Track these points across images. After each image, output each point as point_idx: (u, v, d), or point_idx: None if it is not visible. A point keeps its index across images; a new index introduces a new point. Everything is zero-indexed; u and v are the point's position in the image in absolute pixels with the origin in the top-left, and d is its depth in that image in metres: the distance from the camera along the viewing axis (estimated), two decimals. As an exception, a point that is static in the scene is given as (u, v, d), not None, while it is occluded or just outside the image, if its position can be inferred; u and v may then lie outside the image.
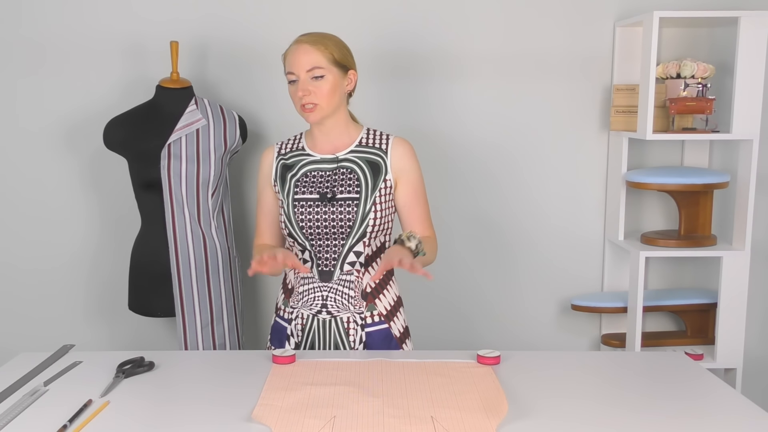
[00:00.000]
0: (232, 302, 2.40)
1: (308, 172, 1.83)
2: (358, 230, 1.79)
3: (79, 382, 1.58)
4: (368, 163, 1.81)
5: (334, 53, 1.77)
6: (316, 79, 1.75)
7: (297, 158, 1.86)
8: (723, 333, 2.58)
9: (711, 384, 1.56)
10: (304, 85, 1.76)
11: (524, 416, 1.39)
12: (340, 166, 1.82)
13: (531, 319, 2.87)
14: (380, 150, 1.83)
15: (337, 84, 1.78)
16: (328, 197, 1.79)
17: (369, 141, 1.85)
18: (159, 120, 2.36)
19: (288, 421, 1.35)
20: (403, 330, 1.89)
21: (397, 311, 1.89)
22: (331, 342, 1.84)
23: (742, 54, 2.46)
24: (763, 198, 2.75)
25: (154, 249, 2.37)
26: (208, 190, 2.32)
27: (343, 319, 1.83)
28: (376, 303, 1.84)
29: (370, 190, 1.79)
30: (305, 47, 1.76)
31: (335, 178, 1.81)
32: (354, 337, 1.83)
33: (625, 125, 2.63)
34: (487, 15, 2.68)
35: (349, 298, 1.82)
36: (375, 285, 1.84)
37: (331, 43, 1.78)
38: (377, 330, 1.84)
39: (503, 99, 2.73)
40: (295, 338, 1.86)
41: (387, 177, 1.81)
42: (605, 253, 2.83)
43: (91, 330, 2.83)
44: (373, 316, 1.84)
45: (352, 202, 1.78)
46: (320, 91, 1.76)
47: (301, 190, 1.81)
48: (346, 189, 1.79)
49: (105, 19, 2.65)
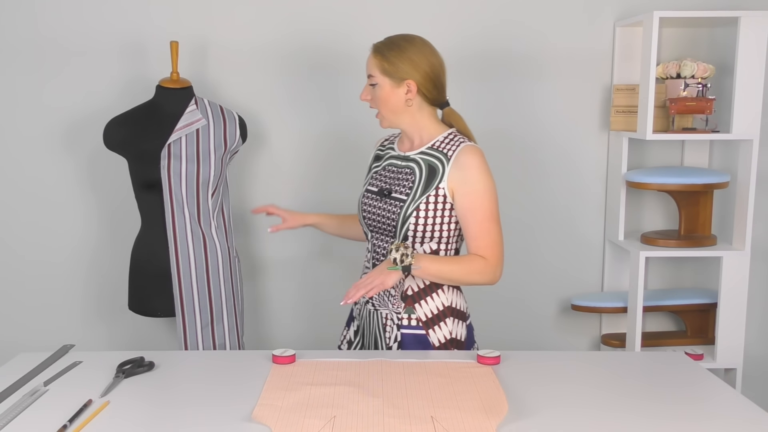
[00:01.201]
0: (232, 302, 2.40)
1: (386, 166, 1.88)
2: (399, 231, 1.79)
3: (79, 382, 1.57)
4: (428, 167, 1.79)
5: (386, 63, 1.78)
6: (372, 86, 1.82)
7: (386, 151, 1.92)
8: (723, 333, 2.58)
9: (711, 384, 1.56)
10: (365, 89, 1.84)
11: (524, 416, 1.39)
12: (406, 165, 1.83)
13: (531, 319, 2.87)
14: (444, 156, 1.78)
15: (390, 93, 1.79)
16: (384, 193, 1.83)
17: (442, 145, 1.81)
18: (159, 120, 2.36)
19: (288, 421, 1.35)
20: (446, 340, 1.82)
21: (441, 320, 1.83)
22: (373, 334, 1.89)
23: (742, 54, 2.46)
24: (763, 198, 2.75)
25: (154, 249, 2.36)
26: (208, 190, 2.32)
27: (382, 314, 1.85)
28: (415, 308, 1.83)
29: (418, 194, 1.78)
30: (370, 54, 1.82)
31: (399, 176, 1.83)
32: (390, 334, 1.84)
33: (625, 125, 2.63)
34: (487, 15, 2.68)
35: (389, 296, 1.84)
36: (417, 289, 1.83)
37: (390, 52, 1.78)
38: (413, 334, 1.82)
39: (503, 99, 2.73)
40: (357, 321, 1.95)
41: (441, 185, 1.77)
42: (605, 253, 2.83)
43: (91, 330, 2.83)
44: (410, 319, 1.82)
45: (399, 202, 1.79)
46: (376, 98, 1.82)
47: (372, 182, 1.89)
48: (401, 188, 1.81)
49: (106, 20, 2.64)
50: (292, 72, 2.70)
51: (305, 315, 2.85)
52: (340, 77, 2.70)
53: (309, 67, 2.69)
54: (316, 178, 2.76)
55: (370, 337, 1.90)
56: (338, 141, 2.74)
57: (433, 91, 1.80)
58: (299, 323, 2.85)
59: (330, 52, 2.68)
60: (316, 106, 2.72)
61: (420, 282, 1.82)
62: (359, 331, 1.95)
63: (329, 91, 2.71)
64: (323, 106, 2.72)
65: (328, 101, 2.72)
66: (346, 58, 2.69)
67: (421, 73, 1.78)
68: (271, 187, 2.76)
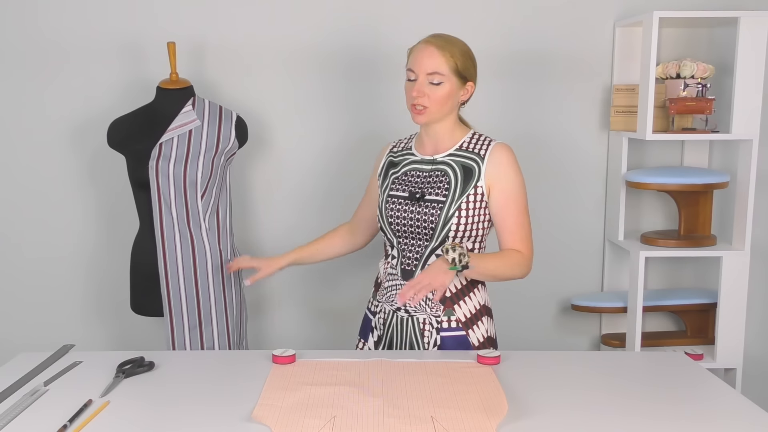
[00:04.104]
0: (222, 305, 2.35)
1: (408, 171, 1.86)
2: (440, 233, 1.78)
3: (79, 382, 1.57)
4: (462, 168, 1.80)
5: (458, 62, 1.77)
6: (433, 84, 1.76)
7: (403, 157, 1.90)
8: (723, 333, 2.58)
9: (711, 384, 1.56)
10: (420, 86, 1.77)
11: (524, 416, 1.39)
12: (435, 168, 1.82)
13: (531, 319, 2.87)
14: (477, 155, 1.81)
15: (453, 93, 1.79)
16: (417, 197, 1.80)
17: (470, 145, 1.83)
18: (158, 121, 2.35)
19: (288, 421, 1.35)
20: (483, 339, 1.85)
21: (479, 319, 1.85)
22: (406, 340, 1.85)
23: (741, 54, 2.46)
24: (763, 198, 2.75)
25: (150, 249, 2.35)
26: (197, 192, 2.28)
27: (419, 319, 1.83)
28: (454, 309, 1.82)
29: (457, 194, 1.78)
30: (432, 50, 1.76)
31: (429, 179, 1.81)
32: (429, 339, 1.82)
33: (625, 125, 2.63)
34: (487, 15, 2.68)
35: (426, 300, 1.82)
36: (456, 290, 1.82)
37: (458, 51, 1.78)
38: (453, 336, 1.82)
39: (503, 99, 2.73)
40: (378, 331, 1.91)
41: (479, 183, 1.78)
42: (605, 253, 2.83)
43: (91, 330, 2.83)
44: (450, 321, 1.82)
45: (437, 204, 1.78)
46: (435, 96, 1.77)
47: (396, 188, 1.85)
48: (435, 191, 1.79)
49: (106, 21, 2.64)
50: (295, 73, 2.70)
51: (306, 315, 2.85)
52: (342, 78, 2.70)
53: (313, 68, 2.69)
54: (318, 179, 2.76)
55: (403, 345, 1.86)
56: (341, 142, 2.74)
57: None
58: (299, 323, 2.85)
59: (333, 52, 2.68)
60: (319, 107, 2.72)
61: (457, 282, 1.82)
62: (384, 340, 1.90)
63: (332, 92, 2.71)
64: (326, 107, 2.72)
65: (331, 102, 2.72)
66: (348, 58, 2.69)
67: (476, 76, 1.84)
68: (272, 188, 2.76)
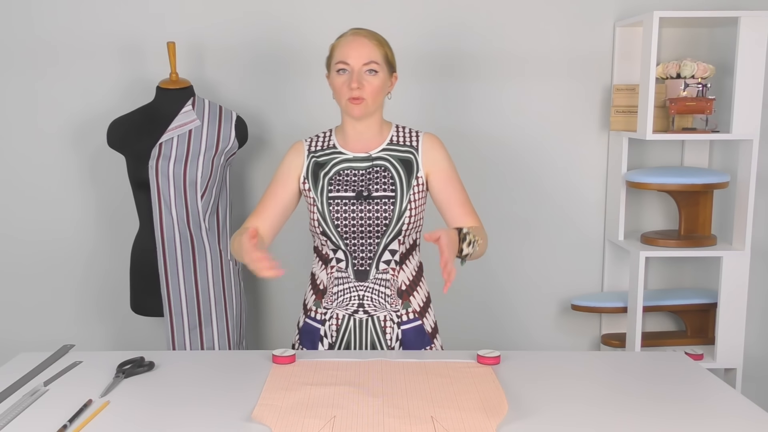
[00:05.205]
0: (222, 306, 2.36)
1: (341, 171, 1.82)
2: (394, 228, 1.79)
3: (79, 382, 1.57)
4: (401, 161, 1.82)
5: (388, 53, 1.80)
6: (370, 73, 1.76)
7: (329, 156, 1.84)
8: (723, 333, 2.58)
9: (711, 384, 1.56)
10: (359, 76, 1.74)
11: (524, 416, 1.39)
12: (373, 165, 1.82)
13: (531, 319, 2.87)
14: (411, 147, 1.84)
15: (386, 83, 1.80)
16: (364, 195, 1.78)
17: (399, 139, 1.85)
18: (158, 121, 2.35)
19: (288, 421, 1.35)
20: (433, 326, 1.91)
21: (428, 307, 1.90)
22: (367, 341, 1.85)
23: (742, 54, 2.46)
24: (763, 198, 2.75)
25: (149, 249, 2.36)
26: (197, 192, 2.29)
27: (380, 318, 1.84)
28: (410, 300, 1.85)
29: (405, 189, 1.79)
30: (363, 40, 1.76)
31: (370, 176, 1.81)
32: (390, 335, 1.84)
33: (625, 125, 2.63)
34: (486, 15, 2.68)
35: (385, 297, 1.83)
36: (409, 282, 1.85)
37: (385, 42, 1.81)
38: (412, 327, 1.85)
39: (503, 99, 2.73)
40: (329, 339, 1.86)
41: (419, 174, 1.82)
42: (605, 253, 2.83)
43: (91, 330, 2.83)
44: (408, 314, 1.85)
45: (388, 200, 1.78)
46: (371, 87, 1.75)
47: (335, 189, 1.80)
48: (381, 187, 1.79)
49: (106, 21, 2.64)
50: (294, 72, 2.70)
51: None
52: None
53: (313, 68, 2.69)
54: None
55: (363, 346, 1.85)
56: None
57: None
58: (299, 323, 2.85)
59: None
60: (318, 106, 2.72)
61: (409, 274, 1.85)
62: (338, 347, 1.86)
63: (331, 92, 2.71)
64: (325, 106, 2.72)
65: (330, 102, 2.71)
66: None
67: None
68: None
